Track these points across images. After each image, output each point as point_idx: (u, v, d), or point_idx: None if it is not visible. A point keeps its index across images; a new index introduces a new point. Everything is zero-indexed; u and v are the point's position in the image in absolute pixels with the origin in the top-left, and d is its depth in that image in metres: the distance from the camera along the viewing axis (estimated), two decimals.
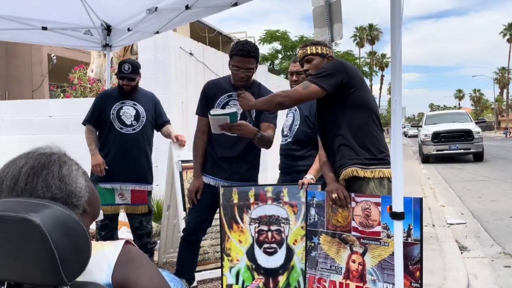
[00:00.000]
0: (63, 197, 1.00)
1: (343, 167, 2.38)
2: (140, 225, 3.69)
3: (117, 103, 3.59)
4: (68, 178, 1.03)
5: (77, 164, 1.10)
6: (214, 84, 3.07)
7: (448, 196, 8.23)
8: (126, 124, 3.57)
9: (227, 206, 2.74)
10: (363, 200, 2.31)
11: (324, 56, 2.55)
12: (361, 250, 2.30)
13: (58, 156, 1.06)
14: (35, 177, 0.99)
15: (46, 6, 3.34)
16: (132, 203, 3.62)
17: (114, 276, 0.98)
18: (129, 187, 3.59)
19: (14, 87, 13.92)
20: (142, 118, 3.63)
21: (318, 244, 2.46)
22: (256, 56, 2.89)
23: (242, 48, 2.82)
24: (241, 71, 2.85)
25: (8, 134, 6.00)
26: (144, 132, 3.64)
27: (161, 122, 3.82)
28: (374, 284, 2.24)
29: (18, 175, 1.00)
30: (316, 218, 2.48)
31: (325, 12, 5.49)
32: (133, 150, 3.58)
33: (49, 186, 0.99)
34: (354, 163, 2.34)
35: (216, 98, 2.97)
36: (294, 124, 3.07)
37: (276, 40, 25.78)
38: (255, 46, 2.92)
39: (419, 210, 2.12)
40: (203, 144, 3.01)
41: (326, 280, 2.41)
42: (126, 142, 3.56)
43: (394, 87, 1.81)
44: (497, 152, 19.07)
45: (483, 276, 3.86)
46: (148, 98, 3.76)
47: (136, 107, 3.64)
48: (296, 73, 3.08)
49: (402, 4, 1.78)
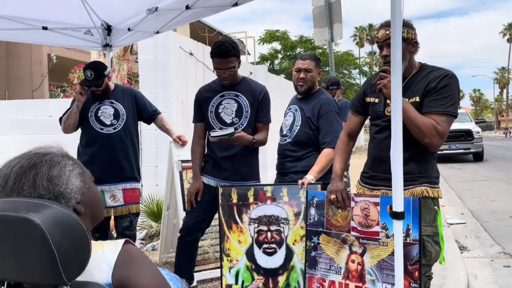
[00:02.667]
0: (51, 198, 1.00)
1: (412, 184, 2.26)
2: (130, 225, 3.53)
3: (94, 104, 3.48)
4: (57, 179, 1.02)
5: (75, 165, 1.09)
6: (205, 89, 3.11)
7: (448, 196, 8.23)
8: (106, 124, 3.46)
9: (226, 206, 2.74)
10: (362, 200, 2.31)
11: (409, 42, 2.21)
12: (360, 250, 2.30)
13: (51, 157, 1.05)
14: (23, 177, 1.00)
15: (47, 6, 3.34)
16: (125, 203, 3.50)
17: (114, 275, 0.98)
18: (120, 187, 3.49)
19: (14, 87, 13.92)
20: (122, 115, 3.50)
21: (318, 244, 2.45)
22: (236, 54, 2.90)
23: (219, 50, 2.86)
24: (223, 72, 2.90)
25: (8, 134, 6.00)
26: (126, 129, 3.52)
27: (149, 115, 3.68)
28: (373, 284, 2.24)
29: (9, 174, 1.01)
30: (316, 218, 2.48)
31: (325, 12, 5.49)
32: (117, 149, 3.47)
33: (36, 186, 0.99)
34: (423, 182, 2.27)
35: (210, 101, 3.01)
36: (295, 124, 3.04)
37: (276, 40, 25.77)
38: (233, 44, 2.92)
39: (418, 210, 2.11)
40: (200, 148, 3.07)
41: (326, 280, 2.41)
42: (109, 142, 3.45)
43: (394, 87, 1.81)
44: (497, 152, 19.07)
45: (483, 276, 3.86)
46: (126, 94, 3.62)
47: (114, 105, 3.51)
48: (305, 71, 3.02)
49: (402, 4, 1.78)
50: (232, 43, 2.93)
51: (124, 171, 3.51)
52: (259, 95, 2.99)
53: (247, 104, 2.96)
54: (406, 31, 2.16)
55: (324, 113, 2.96)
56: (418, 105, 2.18)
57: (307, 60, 3.03)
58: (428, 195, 2.25)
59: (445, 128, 2.14)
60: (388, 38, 2.12)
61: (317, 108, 2.98)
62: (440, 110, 2.13)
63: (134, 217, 3.61)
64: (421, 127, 2.11)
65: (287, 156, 3.04)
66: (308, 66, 3.01)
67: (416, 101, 2.19)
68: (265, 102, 3.02)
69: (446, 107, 2.14)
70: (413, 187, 2.25)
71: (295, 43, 25.33)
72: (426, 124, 2.11)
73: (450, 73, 2.21)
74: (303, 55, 3.11)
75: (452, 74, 2.20)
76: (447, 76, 2.18)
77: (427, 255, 2.24)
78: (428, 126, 2.11)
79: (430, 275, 2.35)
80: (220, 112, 2.98)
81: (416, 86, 2.22)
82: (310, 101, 3.04)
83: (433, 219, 2.26)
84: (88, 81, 3.40)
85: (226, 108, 2.98)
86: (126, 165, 3.51)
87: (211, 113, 2.99)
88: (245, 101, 2.97)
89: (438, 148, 2.22)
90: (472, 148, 14.71)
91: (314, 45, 21.29)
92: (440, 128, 2.12)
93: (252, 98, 2.97)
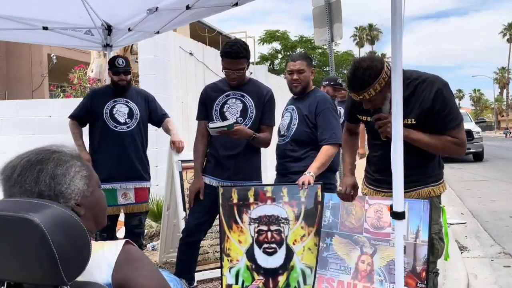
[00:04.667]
0: (51, 195, 1.01)
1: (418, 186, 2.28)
2: (140, 223, 3.66)
3: (110, 102, 3.55)
4: (60, 178, 1.03)
5: (82, 167, 1.09)
6: (211, 87, 3.09)
7: (448, 196, 8.22)
8: (120, 122, 3.54)
9: (227, 206, 2.74)
10: (376, 203, 2.36)
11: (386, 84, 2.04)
12: (371, 251, 2.33)
13: (60, 155, 1.06)
14: (28, 171, 1.01)
15: (47, 6, 3.34)
16: (136, 202, 3.62)
17: (114, 276, 0.98)
18: (131, 185, 3.59)
19: (14, 87, 13.92)
20: (136, 115, 3.59)
21: (331, 245, 2.48)
22: (247, 56, 2.88)
23: (231, 51, 2.82)
24: (232, 72, 2.88)
25: (8, 134, 6.00)
26: (139, 129, 3.61)
27: (158, 118, 3.77)
28: (381, 284, 2.26)
29: (16, 166, 1.02)
30: (331, 220, 2.51)
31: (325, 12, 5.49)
32: (130, 148, 3.55)
33: (38, 181, 1.00)
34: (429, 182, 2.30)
35: (215, 99, 3.00)
36: (292, 123, 3.03)
37: (276, 40, 25.79)
38: (244, 46, 2.90)
39: (428, 212, 2.15)
40: (203, 147, 3.05)
41: (335, 280, 2.42)
42: (122, 140, 3.53)
43: (395, 87, 1.81)
44: (497, 152, 19.07)
45: (483, 276, 3.86)
46: (140, 95, 3.72)
47: (129, 104, 3.60)
48: (297, 72, 3.00)
49: (403, 4, 1.78)
50: (244, 45, 2.91)
51: (136, 170, 3.60)
52: (265, 97, 2.98)
53: (252, 105, 2.95)
54: (381, 80, 2.03)
55: (321, 110, 2.94)
56: (415, 127, 2.14)
57: (298, 61, 3.01)
58: (434, 195, 2.28)
59: (462, 135, 2.15)
60: (363, 98, 2.09)
61: (313, 106, 2.97)
62: (451, 126, 2.13)
63: (144, 216, 3.74)
64: (440, 148, 2.16)
65: (287, 156, 3.03)
66: (300, 67, 2.99)
67: (413, 123, 2.14)
68: (270, 104, 3.01)
69: (454, 120, 2.13)
70: (419, 189, 2.27)
71: (295, 43, 25.36)
72: (445, 144, 2.14)
73: (438, 85, 2.12)
74: (294, 57, 3.10)
75: (440, 86, 2.12)
76: (438, 92, 2.10)
77: (435, 252, 2.27)
78: (448, 144, 2.14)
79: (437, 271, 2.38)
80: (225, 111, 2.97)
81: (408, 105, 2.11)
82: (306, 99, 3.04)
83: (439, 216, 2.30)
84: (118, 67, 3.53)
85: (231, 108, 2.97)
86: (138, 164, 3.60)
87: (215, 111, 2.98)
88: (250, 102, 2.96)
89: (464, 153, 2.28)
90: (472, 148, 14.68)
91: (314, 45, 21.30)
92: (458, 141, 2.14)
93: (258, 99, 2.97)
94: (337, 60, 21.79)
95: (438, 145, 2.14)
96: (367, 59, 2.12)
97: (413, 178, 2.20)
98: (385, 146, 2.13)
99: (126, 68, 3.56)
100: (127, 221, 3.69)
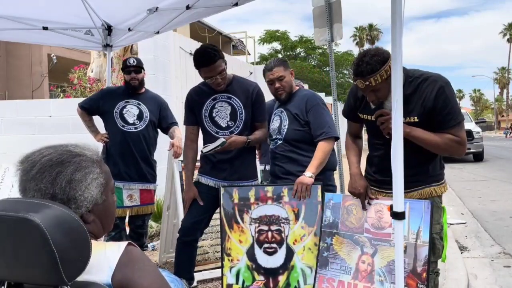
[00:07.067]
0: (63, 199, 1.01)
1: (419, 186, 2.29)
2: (143, 224, 3.72)
3: (121, 102, 3.62)
4: (77, 183, 1.03)
5: (101, 174, 1.09)
6: (196, 91, 3.02)
7: (448, 196, 8.22)
8: (129, 122, 3.60)
9: (228, 206, 2.75)
10: (377, 203, 2.36)
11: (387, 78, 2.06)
12: (372, 251, 2.32)
13: (81, 159, 1.06)
14: (46, 171, 1.01)
15: (47, 6, 3.34)
16: (141, 204, 3.66)
17: (115, 276, 0.98)
18: (136, 187, 3.61)
19: (14, 87, 13.92)
20: (145, 117, 3.65)
21: (331, 245, 2.48)
22: (221, 56, 2.82)
23: (203, 59, 2.77)
24: (215, 78, 2.81)
25: (8, 134, 6.00)
26: (147, 132, 3.66)
27: (167, 125, 3.82)
28: (382, 284, 2.26)
29: (36, 162, 1.03)
30: (331, 220, 2.50)
31: (325, 12, 5.48)
32: (135, 149, 3.60)
33: (55, 183, 1.01)
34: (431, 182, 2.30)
35: (202, 105, 2.94)
36: (283, 125, 2.98)
37: (276, 40, 25.77)
38: (213, 47, 2.84)
39: (429, 212, 2.15)
40: (192, 152, 3.03)
41: (335, 280, 2.42)
42: (128, 140, 3.58)
43: (395, 86, 1.81)
44: (497, 152, 19.07)
45: (483, 276, 3.86)
46: (153, 100, 3.78)
47: (140, 106, 3.67)
48: (278, 80, 2.96)
49: (403, 4, 1.78)
50: (212, 46, 2.85)
51: (141, 171, 3.64)
52: (252, 94, 2.93)
53: (240, 106, 2.91)
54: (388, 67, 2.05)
55: (311, 106, 2.91)
56: (418, 125, 2.16)
57: (275, 68, 2.97)
58: (436, 194, 2.29)
59: (462, 134, 2.17)
60: (368, 85, 2.09)
61: (303, 103, 2.93)
62: (452, 125, 2.14)
63: (147, 217, 3.83)
64: (442, 146, 2.16)
65: (283, 157, 2.97)
66: (279, 74, 2.95)
67: (415, 121, 2.16)
68: (259, 101, 2.96)
69: (455, 118, 2.14)
70: (421, 188, 2.28)
71: (295, 43, 25.34)
72: (446, 142, 2.14)
73: (440, 83, 2.13)
74: (268, 66, 3.02)
75: (441, 84, 2.13)
76: (440, 90, 2.12)
77: (436, 252, 2.27)
78: (449, 143, 2.15)
79: (437, 271, 2.38)
80: (214, 116, 2.92)
81: (410, 104, 2.14)
82: (293, 100, 3.00)
83: (440, 216, 2.31)
84: (129, 66, 3.62)
85: (220, 112, 2.92)
86: (143, 165, 3.64)
87: (205, 117, 2.94)
88: (238, 103, 2.91)
89: (464, 152, 2.26)
90: (472, 148, 14.68)
91: (314, 45, 21.30)
92: (459, 139, 2.15)
93: (245, 98, 2.92)
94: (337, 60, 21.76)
95: (440, 143, 2.14)
96: (374, 48, 2.19)
97: (415, 178, 2.22)
98: (385, 146, 2.14)
99: (136, 66, 3.62)
100: (131, 221, 3.77)
